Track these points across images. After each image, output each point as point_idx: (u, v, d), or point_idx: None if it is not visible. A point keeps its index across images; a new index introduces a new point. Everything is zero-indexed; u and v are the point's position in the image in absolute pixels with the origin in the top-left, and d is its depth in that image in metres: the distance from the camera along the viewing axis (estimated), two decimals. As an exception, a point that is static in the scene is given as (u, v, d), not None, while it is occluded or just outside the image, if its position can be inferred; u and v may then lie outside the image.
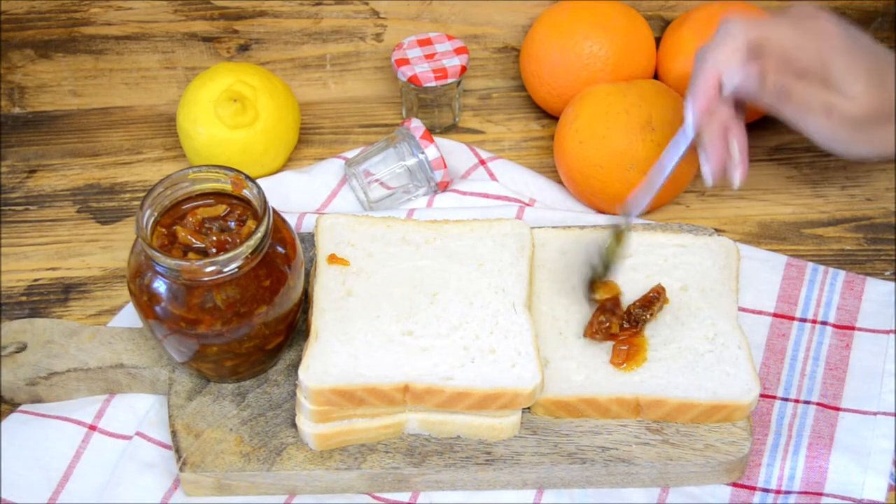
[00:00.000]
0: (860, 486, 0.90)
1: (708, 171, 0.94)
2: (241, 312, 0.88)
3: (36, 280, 1.06)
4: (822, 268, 1.02)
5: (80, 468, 0.93)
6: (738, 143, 0.94)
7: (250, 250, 0.87)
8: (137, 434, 0.94)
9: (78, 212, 1.12)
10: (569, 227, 1.01)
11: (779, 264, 1.02)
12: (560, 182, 1.11)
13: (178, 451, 0.90)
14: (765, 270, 1.02)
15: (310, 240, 1.02)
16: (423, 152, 1.07)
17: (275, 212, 0.92)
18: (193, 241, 0.89)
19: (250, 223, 0.90)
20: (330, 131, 1.18)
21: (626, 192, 1.03)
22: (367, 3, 1.19)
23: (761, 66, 0.91)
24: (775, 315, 1.00)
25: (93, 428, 0.95)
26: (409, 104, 1.15)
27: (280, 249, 0.90)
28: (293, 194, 1.10)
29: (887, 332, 0.98)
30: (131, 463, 0.92)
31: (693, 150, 0.95)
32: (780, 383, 0.96)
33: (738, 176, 0.95)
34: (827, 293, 1.00)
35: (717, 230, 1.03)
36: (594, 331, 0.93)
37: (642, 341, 0.93)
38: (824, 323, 0.99)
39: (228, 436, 0.91)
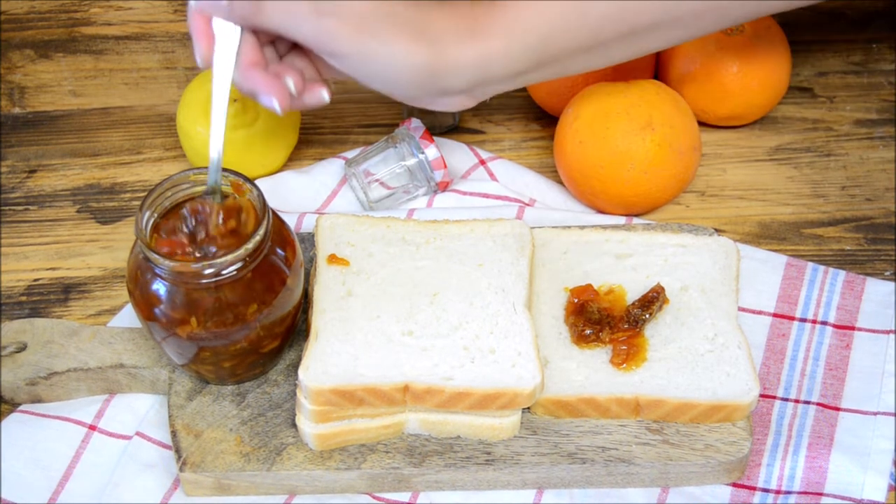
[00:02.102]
0: (860, 486, 0.90)
1: (273, 105, 0.92)
2: (240, 314, 0.88)
3: (36, 280, 1.06)
4: (822, 268, 1.02)
5: (80, 468, 0.93)
6: (293, 79, 0.92)
7: (250, 252, 0.87)
8: (137, 434, 0.94)
9: (78, 212, 1.12)
10: (569, 227, 1.01)
11: (779, 264, 1.02)
12: (560, 182, 1.10)
13: (178, 451, 0.90)
14: (765, 270, 1.02)
15: (310, 240, 1.02)
16: (423, 152, 1.06)
17: (274, 213, 0.92)
18: (193, 241, 0.89)
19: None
20: (330, 131, 1.18)
21: (626, 191, 1.04)
22: (367, 3, 1.19)
23: None
24: (775, 315, 1.00)
25: (93, 428, 0.95)
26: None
27: (280, 251, 0.90)
28: (293, 194, 1.10)
29: (887, 332, 0.98)
30: (131, 463, 0.92)
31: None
32: (780, 383, 0.96)
33: (325, 95, 0.95)
34: (827, 293, 1.00)
35: (717, 230, 1.03)
36: (577, 338, 0.93)
37: (642, 341, 0.93)
38: (824, 323, 0.99)
39: (228, 436, 0.91)
